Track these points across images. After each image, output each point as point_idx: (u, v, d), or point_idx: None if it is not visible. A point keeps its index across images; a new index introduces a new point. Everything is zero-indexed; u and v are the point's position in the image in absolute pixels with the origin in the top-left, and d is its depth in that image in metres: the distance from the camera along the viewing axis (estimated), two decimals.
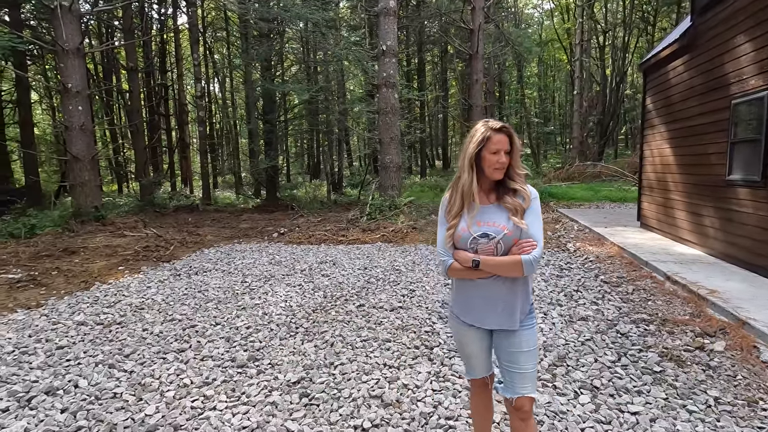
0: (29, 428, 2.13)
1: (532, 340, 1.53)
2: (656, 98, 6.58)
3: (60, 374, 2.69)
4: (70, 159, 8.23)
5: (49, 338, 3.28)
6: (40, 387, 2.52)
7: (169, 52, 19.75)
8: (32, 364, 2.84)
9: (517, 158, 1.51)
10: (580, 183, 14.28)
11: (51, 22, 10.06)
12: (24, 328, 3.52)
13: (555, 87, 32.43)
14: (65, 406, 2.32)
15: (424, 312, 3.71)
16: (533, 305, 1.59)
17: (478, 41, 11.66)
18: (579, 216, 8.42)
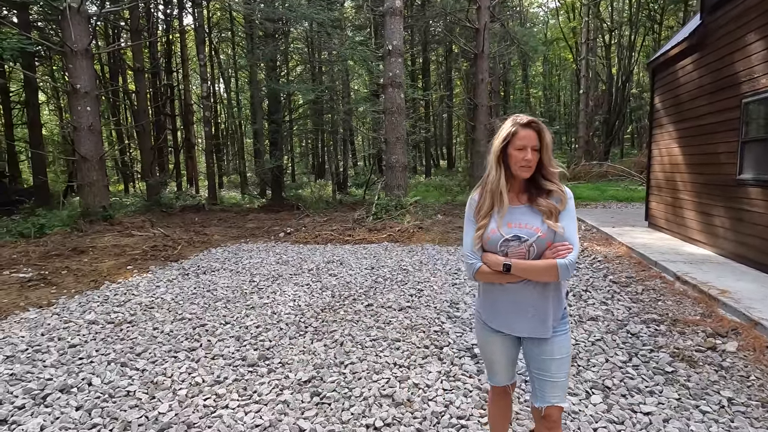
0: (45, 425, 2.16)
1: (565, 347, 1.45)
2: (665, 97, 6.54)
3: (73, 372, 2.72)
4: (78, 159, 8.30)
5: (61, 337, 3.31)
6: (55, 385, 2.54)
7: (174, 53, 19.84)
8: (46, 362, 2.87)
9: (548, 156, 1.41)
10: (587, 182, 14.21)
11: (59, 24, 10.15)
12: (36, 326, 3.56)
13: (560, 86, 32.30)
14: (80, 404, 2.35)
15: (432, 312, 3.71)
16: (567, 309, 1.49)
17: (484, 40, 11.63)
18: (586, 216, 8.38)
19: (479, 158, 12.18)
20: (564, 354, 1.44)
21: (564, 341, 1.45)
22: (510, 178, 1.43)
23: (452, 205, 10.75)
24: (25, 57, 11.73)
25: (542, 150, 1.40)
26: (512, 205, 1.43)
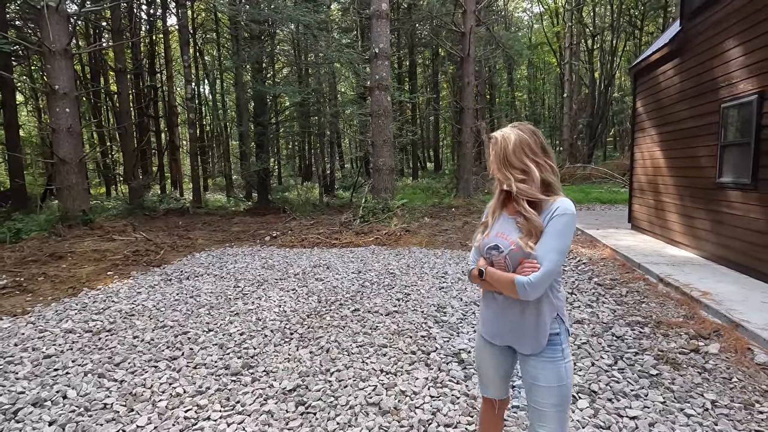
0: None
1: (553, 377, 1.33)
2: (646, 101, 6.66)
3: (47, 384, 2.62)
4: (56, 162, 8.07)
5: (35, 347, 3.19)
6: (27, 398, 2.44)
7: (158, 54, 19.54)
8: (18, 374, 2.76)
9: (497, 164, 1.40)
10: (571, 185, 14.40)
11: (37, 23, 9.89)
12: (9, 336, 3.43)
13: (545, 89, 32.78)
14: (53, 419, 2.25)
15: (419, 316, 3.69)
16: (561, 336, 1.35)
17: (470, 44, 11.71)
18: None
19: (465, 161, 12.24)
20: (551, 383, 1.33)
21: (551, 369, 1.33)
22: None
23: (439, 208, 10.77)
24: (1, 57, 11.40)
25: (494, 160, 1.40)
26: (508, 214, 1.41)
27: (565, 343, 1.36)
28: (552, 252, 1.27)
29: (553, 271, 1.27)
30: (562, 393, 1.34)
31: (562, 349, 1.35)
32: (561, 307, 1.37)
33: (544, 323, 1.34)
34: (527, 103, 30.73)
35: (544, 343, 1.34)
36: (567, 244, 1.28)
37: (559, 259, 1.27)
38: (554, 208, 1.29)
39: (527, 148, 1.36)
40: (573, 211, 1.29)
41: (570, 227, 1.28)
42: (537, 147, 1.37)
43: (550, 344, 1.34)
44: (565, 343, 1.36)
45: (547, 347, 1.34)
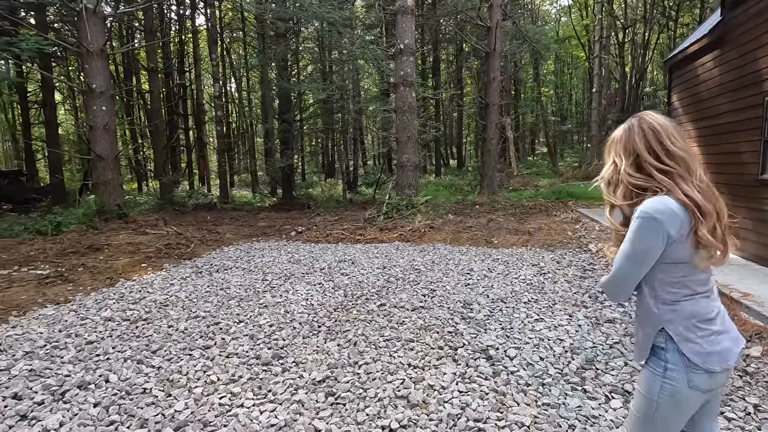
0: (64, 421, 2.18)
1: (644, 383, 1.24)
2: (683, 95, 6.41)
3: (91, 369, 2.75)
4: (93, 158, 8.41)
5: (78, 333, 3.35)
6: (73, 381, 2.57)
7: (187, 53, 20.04)
8: (63, 359, 2.90)
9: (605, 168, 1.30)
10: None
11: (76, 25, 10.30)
12: (54, 323, 3.61)
13: (572, 84, 31.95)
14: (98, 401, 2.37)
15: (446, 312, 3.68)
16: (667, 353, 1.19)
17: (496, 39, 11.53)
18: (599, 216, 8.26)
19: (490, 157, 12.09)
20: (641, 388, 1.26)
21: (646, 375, 1.24)
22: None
23: (463, 205, 10.69)
24: (42, 58, 11.94)
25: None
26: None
27: (672, 363, 1.19)
28: (619, 257, 1.21)
29: (618, 276, 1.21)
30: (644, 404, 1.24)
31: (665, 366, 1.21)
32: (670, 322, 1.20)
33: (647, 334, 1.25)
34: (554, 98, 30.04)
35: (644, 354, 1.26)
36: (635, 248, 1.17)
37: (623, 264, 1.19)
38: (636, 211, 1.19)
39: (616, 145, 1.29)
40: (648, 212, 1.15)
41: (639, 231, 1.16)
42: (625, 142, 1.26)
43: (654, 355, 1.24)
44: (672, 363, 1.19)
45: (651, 357, 1.25)
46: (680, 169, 1.17)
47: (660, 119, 1.24)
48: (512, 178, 15.23)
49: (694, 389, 1.17)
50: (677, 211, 1.13)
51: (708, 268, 1.19)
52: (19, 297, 4.29)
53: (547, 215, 8.88)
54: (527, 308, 3.71)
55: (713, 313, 1.19)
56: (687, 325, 1.18)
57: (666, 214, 1.13)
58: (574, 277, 4.64)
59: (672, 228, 1.13)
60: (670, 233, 1.13)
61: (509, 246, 6.37)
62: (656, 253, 1.16)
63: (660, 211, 1.14)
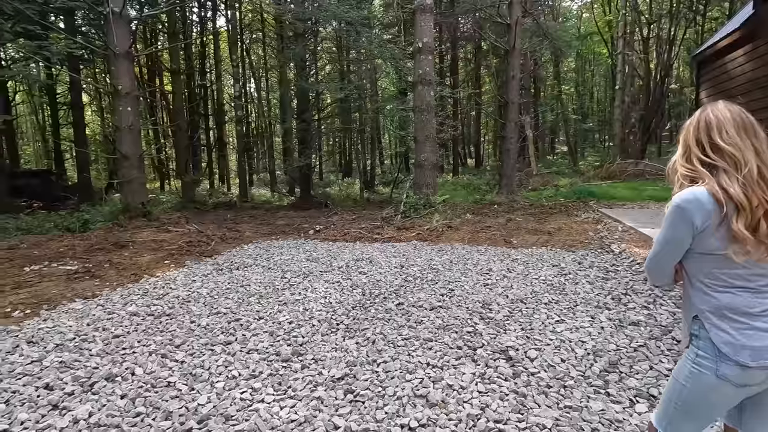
0: (93, 412, 2.25)
1: (677, 368, 1.30)
2: (712, 91, 6.21)
3: (118, 362, 2.83)
4: (119, 157, 8.65)
5: (105, 327, 3.46)
6: (101, 373, 2.65)
7: (208, 55, 20.43)
8: (92, 351, 3.00)
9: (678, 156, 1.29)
10: (622, 182, 13.69)
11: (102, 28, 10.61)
12: (82, 317, 3.73)
13: (594, 82, 31.27)
14: (124, 392, 2.44)
15: (464, 312, 3.66)
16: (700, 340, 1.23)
17: (515, 36, 11.37)
18: (622, 216, 8.07)
19: (509, 157, 11.94)
20: (674, 373, 1.32)
21: (682, 361, 1.30)
22: None
23: (481, 205, 10.59)
24: (70, 60, 12.35)
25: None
26: None
27: (702, 350, 1.22)
28: (654, 242, 1.30)
29: (650, 260, 1.31)
30: (673, 388, 1.31)
31: (696, 353, 1.24)
32: (702, 311, 1.23)
33: (686, 320, 1.30)
34: (574, 96, 29.46)
35: (685, 340, 1.30)
36: (665, 235, 1.24)
37: (655, 249, 1.29)
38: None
39: (681, 135, 1.31)
40: (676, 201, 1.20)
41: (668, 218, 1.22)
42: (684, 134, 1.30)
43: (691, 341, 1.28)
44: (703, 350, 1.22)
45: (689, 343, 1.29)
46: (724, 163, 1.17)
47: (721, 112, 1.23)
48: (531, 178, 15.02)
49: (723, 380, 1.17)
50: (704, 202, 1.15)
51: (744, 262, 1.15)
52: (50, 291, 4.45)
53: (568, 215, 8.72)
54: (548, 309, 3.66)
55: (757, 309, 1.17)
56: (720, 315, 1.19)
57: (692, 203, 1.16)
58: (596, 278, 4.55)
59: (697, 218, 1.15)
60: (695, 223, 1.15)
61: (529, 246, 6.28)
62: (683, 241, 1.21)
63: (687, 200, 1.17)
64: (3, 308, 3.95)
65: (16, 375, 2.67)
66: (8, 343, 3.16)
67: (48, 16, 11.81)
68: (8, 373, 2.70)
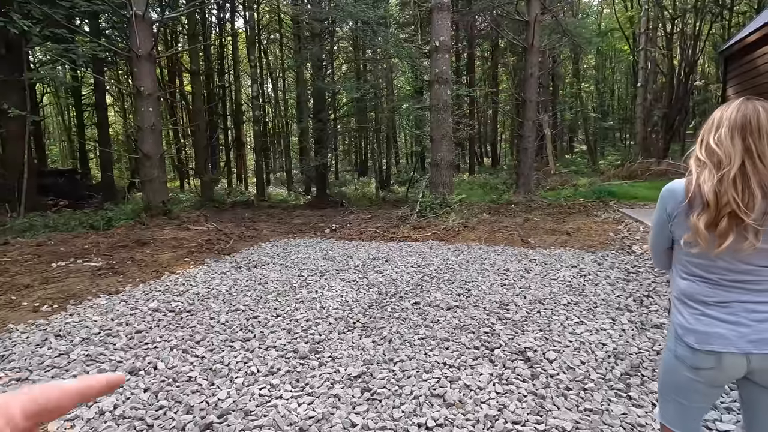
0: (118, 404, 2.31)
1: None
2: (739, 87, 6.01)
3: (140, 356, 2.90)
4: (141, 157, 8.86)
5: (128, 322, 3.55)
6: (125, 367, 2.72)
7: (226, 56, 20.73)
8: (116, 346, 3.08)
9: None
10: (644, 181, 13.38)
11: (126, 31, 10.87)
12: (107, 312, 3.83)
13: (614, 79, 30.61)
14: (147, 386, 2.50)
15: (481, 312, 3.63)
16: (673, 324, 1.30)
17: (534, 33, 11.21)
18: (644, 216, 7.88)
19: (526, 156, 11.79)
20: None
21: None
22: None
23: (498, 204, 10.48)
24: (95, 62, 12.69)
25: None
26: None
27: (670, 332, 1.31)
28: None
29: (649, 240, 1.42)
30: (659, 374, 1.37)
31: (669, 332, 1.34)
32: (672, 296, 1.34)
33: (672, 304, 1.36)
34: (594, 94, 28.88)
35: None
36: (653, 219, 1.37)
37: (651, 231, 1.40)
38: None
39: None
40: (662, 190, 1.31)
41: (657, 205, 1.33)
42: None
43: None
44: (671, 331, 1.31)
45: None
46: (710, 162, 1.21)
47: (728, 111, 1.23)
48: (549, 177, 14.80)
49: (679, 361, 1.25)
50: (678, 192, 1.24)
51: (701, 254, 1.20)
52: (76, 287, 4.59)
53: (587, 215, 8.57)
54: (567, 310, 3.60)
55: (712, 299, 1.22)
56: (681, 300, 1.28)
57: (668, 191, 1.28)
58: (617, 279, 4.46)
59: (669, 205, 1.27)
60: (667, 209, 1.27)
61: (547, 246, 6.19)
62: (662, 226, 1.31)
63: (667, 188, 1.29)
64: (32, 303, 4.09)
65: (45, 367, 2.77)
66: (37, 336, 3.27)
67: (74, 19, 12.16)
68: (38, 365, 2.80)
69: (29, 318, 3.71)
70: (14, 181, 9.80)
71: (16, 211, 9.16)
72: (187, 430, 2.11)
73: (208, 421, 2.16)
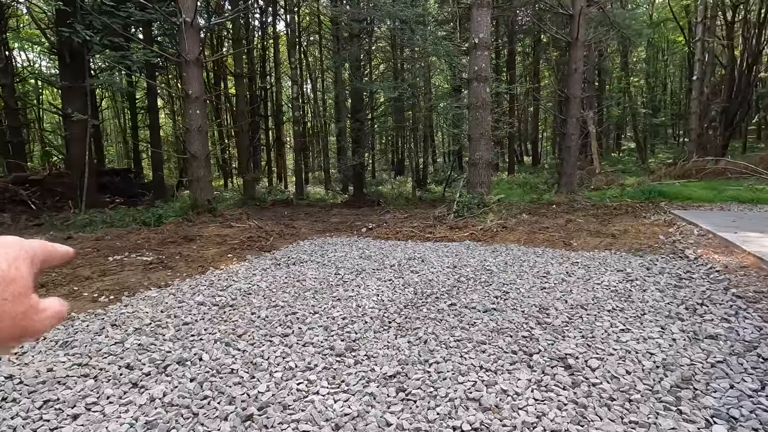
0: (167, 392, 2.45)
1: None
2: None
3: (187, 347, 3.05)
4: (188, 157, 9.31)
5: (176, 315, 3.75)
6: (173, 357, 2.88)
7: (268, 58, 21.36)
8: (165, 336, 3.26)
9: None
10: (698, 181, 12.55)
11: (175, 37, 11.45)
12: (157, 304, 4.06)
13: (667, 73, 28.88)
14: (193, 376, 2.63)
15: (520, 316, 3.54)
16: None
17: (579, 27, 10.79)
18: (699, 219, 7.40)
19: (570, 154, 11.37)
20: None
21: None
22: None
23: (538, 204, 10.18)
24: (148, 68, 13.46)
25: None
26: None
27: None
28: None
29: None
30: None
31: None
32: None
33: None
34: (644, 88, 27.36)
35: None
36: None
37: None
38: None
39: None
40: None
41: None
42: None
43: None
44: None
45: None
46: None
47: None
48: (594, 177, 14.18)
49: None
50: None
51: None
52: (129, 280, 4.89)
53: (635, 217, 8.15)
54: (611, 317, 3.44)
55: None
56: None
57: None
58: (668, 285, 4.21)
59: None
60: None
61: (590, 249, 5.95)
62: None
63: None
64: (91, 293, 4.41)
65: (103, 354, 2.98)
66: (96, 325, 3.52)
67: (129, 28, 12.95)
68: (96, 352, 3.01)
69: (89, 307, 4.00)
70: (77, 179, 10.58)
71: (78, 207, 9.88)
72: (229, 419, 2.21)
73: (249, 413, 2.24)
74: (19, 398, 2.43)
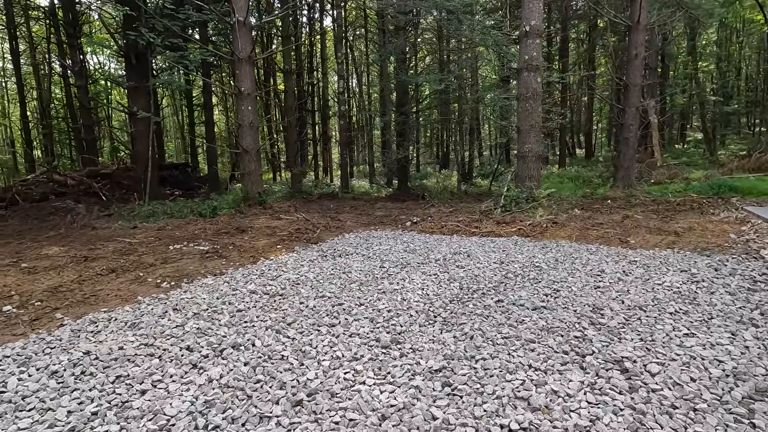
0: (223, 374, 2.59)
1: None
2: None
3: (241, 333, 3.21)
4: (240, 152, 9.72)
5: (231, 302, 3.94)
6: (228, 341, 3.04)
7: (315, 54, 21.76)
8: (221, 321, 3.45)
9: None
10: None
11: (228, 36, 11.93)
12: (213, 291, 4.30)
13: (742, 56, 26.32)
14: (247, 360, 2.76)
15: (571, 315, 3.40)
16: None
17: (641, 8, 10.07)
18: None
19: (628, 146, 10.69)
20: None
21: None
22: None
23: (592, 199, 9.68)
24: (204, 67, 14.14)
25: None
26: None
27: None
28: None
29: None
30: None
31: None
32: None
33: None
34: (715, 74, 25.12)
35: None
36: None
37: None
38: None
39: None
40: None
41: None
42: None
43: None
44: None
45: None
46: None
47: None
48: (655, 170, 13.27)
49: None
50: None
51: None
52: (188, 267, 5.21)
53: (701, 213, 7.55)
54: (674, 320, 3.22)
55: None
56: None
57: None
58: (739, 288, 3.87)
59: None
60: None
61: (650, 247, 5.59)
62: None
63: None
64: (155, 279, 4.74)
65: (166, 336, 3.20)
66: (159, 308, 3.79)
67: (187, 29, 13.65)
68: (160, 333, 3.24)
69: (153, 292, 4.31)
70: (141, 173, 11.38)
71: (143, 199, 10.63)
72: (280, 403, 2.30)
73: (299, 398, 2.33)
74: (95, 372, 2.67)
